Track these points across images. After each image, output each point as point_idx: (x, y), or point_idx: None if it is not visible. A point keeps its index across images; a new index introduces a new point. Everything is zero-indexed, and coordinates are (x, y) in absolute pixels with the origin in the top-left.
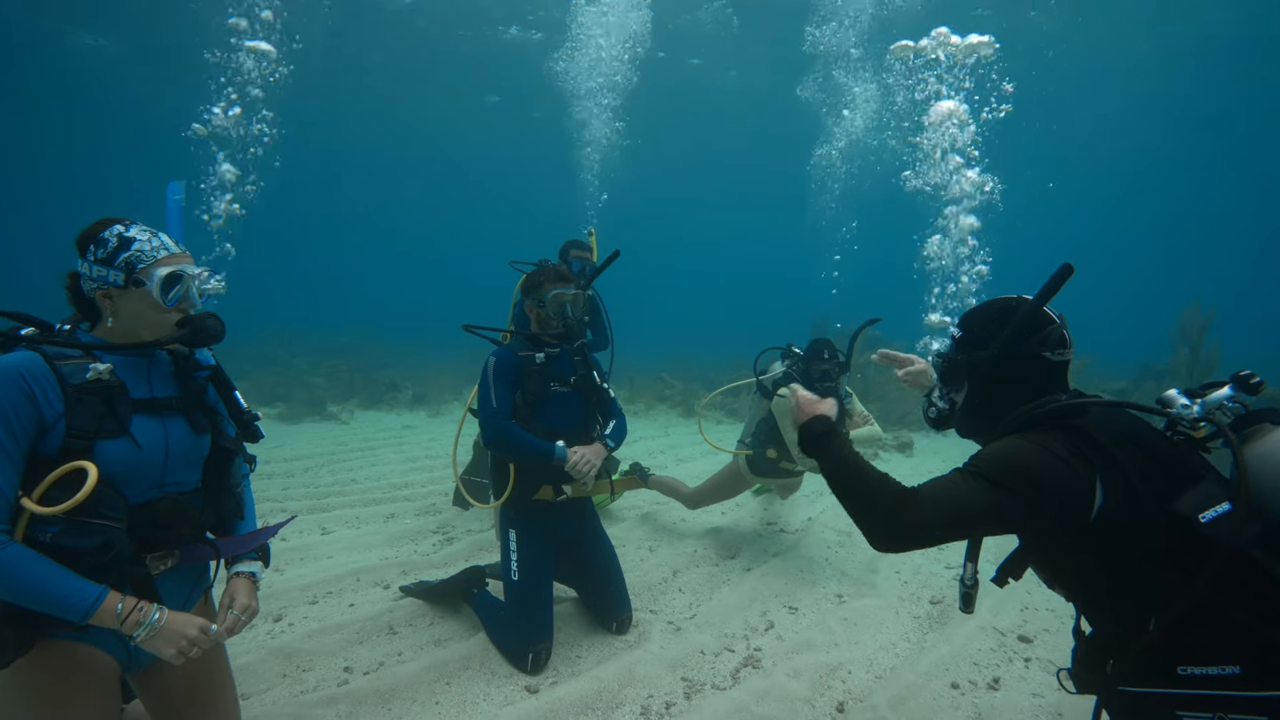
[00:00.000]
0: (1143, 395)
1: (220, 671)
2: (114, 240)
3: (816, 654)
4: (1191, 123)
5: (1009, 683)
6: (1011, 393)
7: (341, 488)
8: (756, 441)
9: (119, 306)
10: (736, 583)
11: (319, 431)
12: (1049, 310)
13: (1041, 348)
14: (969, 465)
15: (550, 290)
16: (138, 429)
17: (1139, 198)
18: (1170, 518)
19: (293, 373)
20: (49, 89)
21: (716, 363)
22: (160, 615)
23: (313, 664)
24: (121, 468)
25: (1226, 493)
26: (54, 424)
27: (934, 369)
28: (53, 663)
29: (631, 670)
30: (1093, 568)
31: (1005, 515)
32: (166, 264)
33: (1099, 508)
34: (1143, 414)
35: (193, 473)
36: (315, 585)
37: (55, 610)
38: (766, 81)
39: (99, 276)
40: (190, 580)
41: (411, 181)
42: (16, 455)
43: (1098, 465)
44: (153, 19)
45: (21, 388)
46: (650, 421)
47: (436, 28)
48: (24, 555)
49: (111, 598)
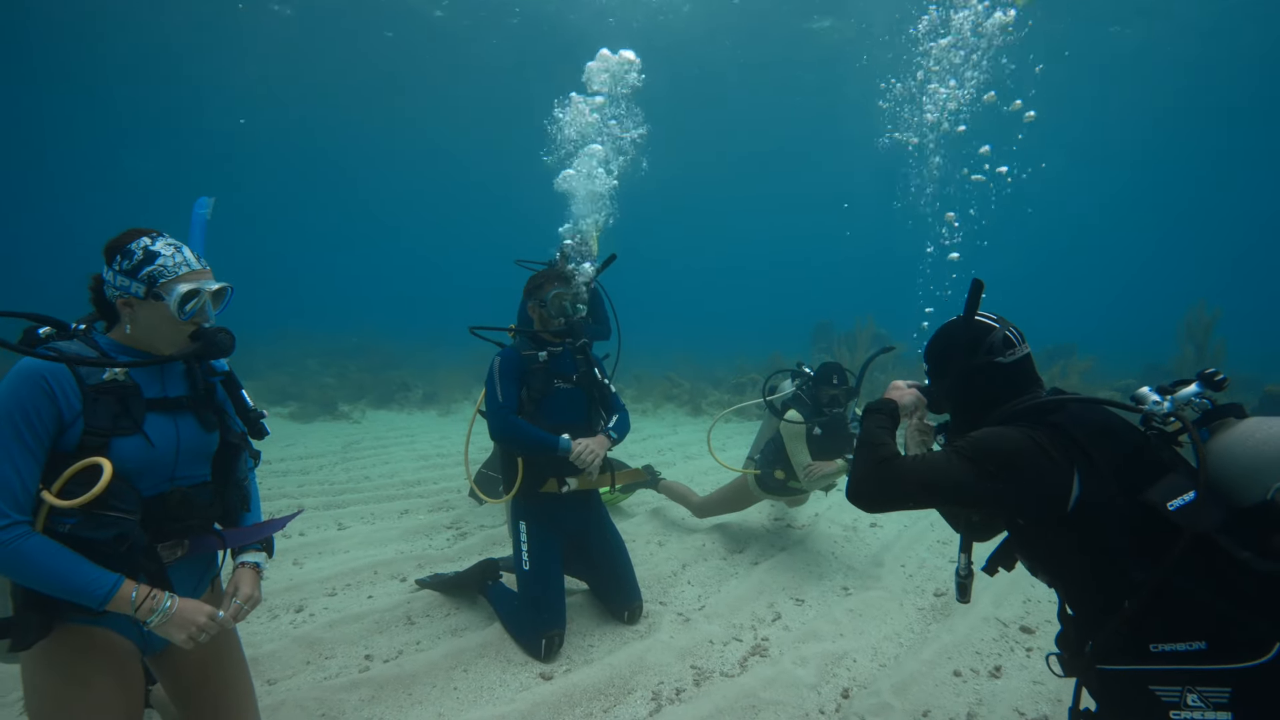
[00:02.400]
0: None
1: (232, 654)
2: (139, 253)
3: (822, 643)
4: (1196, 116)
5: (1010, 671)
6: (986, 403)
7: (356, 485)
8: (765, 460)
9: (138, 315)
10: (744, 576)
11: (331, 430)
12: (984, 319)
13: (991, 355)
14: (953, 444)
15: (551, 290)
16: (151, 427)
17: (1144, 193)
18: (1141, 507)
19: (305, 373)
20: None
21: (724, 361)
22: (172, 603)
23: (334, 652)
24: (135, 463)
25: (1194, 482)
26: (72, 422)
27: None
28: (73, 644)
29: (643, 658)
30: (1071, 554)
31: (975, 490)
32: (186, 280)
33: (1076, 498)
34: (1118, 410)
35: (202, 467)
36: (334, 578)
37: (74, 597)
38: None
39: (121, 286)
40: (199, 569)
41: (421, 182)
42: (39, 451)
43: (1076, 458)
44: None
45: (43, 388)
46: (658, 420)
47: (443, 28)
48: (45, 545)
49: (126, 585)
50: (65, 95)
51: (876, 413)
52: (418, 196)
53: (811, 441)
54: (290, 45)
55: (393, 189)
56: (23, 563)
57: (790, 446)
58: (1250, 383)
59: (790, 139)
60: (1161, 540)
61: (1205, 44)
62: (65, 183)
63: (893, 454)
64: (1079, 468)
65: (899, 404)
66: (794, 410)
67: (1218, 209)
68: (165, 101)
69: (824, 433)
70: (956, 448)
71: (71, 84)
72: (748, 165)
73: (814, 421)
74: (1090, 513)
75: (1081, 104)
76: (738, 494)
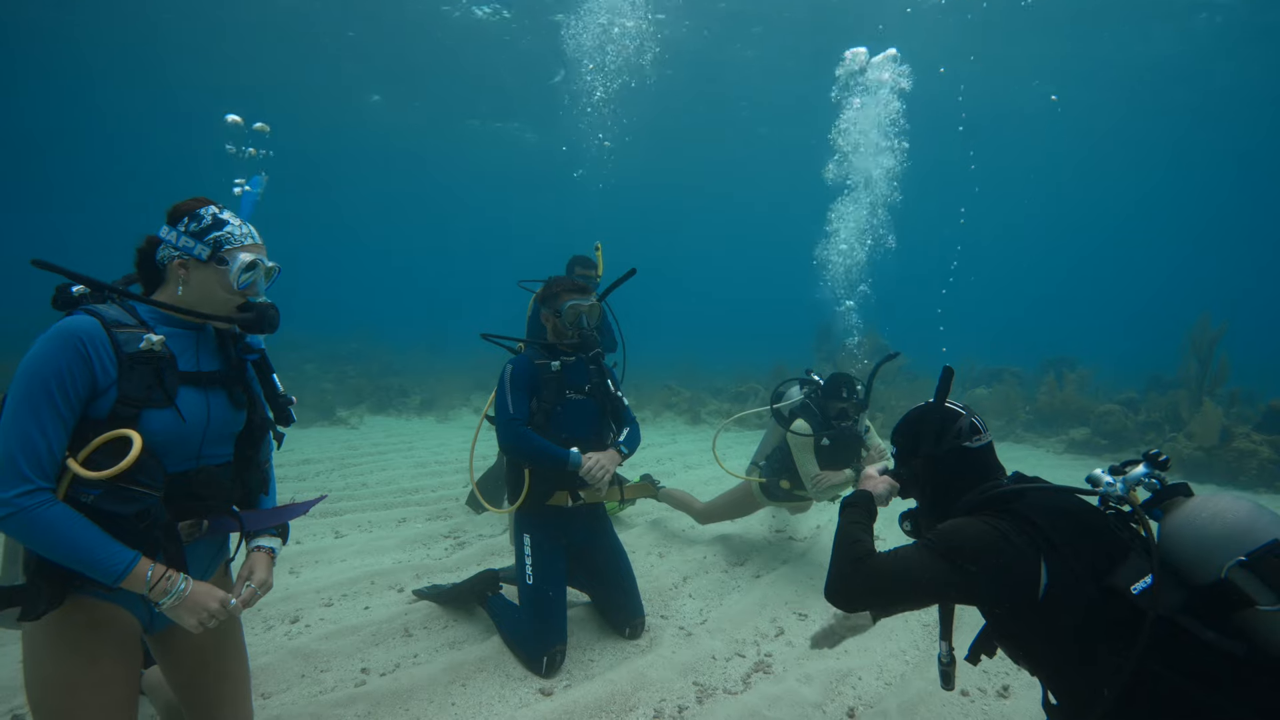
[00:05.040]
0: (1151, 405)
1: (233, 642)
2: (208, 218)
3: (827, 660)
4: (1203, 124)
5: (1018, 690)
6: (954, 486)
7: (353, 492)
8: (770, 468)
9: (192, 278)
10: (746, 589)
11: (329, 436)
12: (952, 405)
13: (959, 440)
14: (924, 539)
15: (567, 301)
16: (183, 401)
17: (1150, 204)
18: (1107, 592)
19: (303, 378)
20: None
21: (723, 371)
22: (186, 585)
23: (330, 665)
24: (164, 437)
25: (1151, 564)
26: (106, 389)
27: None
28: (82, 618)
29: (644, 674)
30: (1047, 641)
31: (947, 586)
32: (250, 251)
33: (1045, 586)
34: (1078, 493)
35: (226, 446)
36: (330, 588)
37: (90, 571)
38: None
39: (184, 246)
40: (210, 551)
41: (415, 189)
42: (70, 417)
43: (1041, 546)
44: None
45: (80, 351)
46: (658, 429)
47: (442, 36)
48: (67, 515)
49: (143, 564)
50: (49, 93)
51: (853, 507)
52: (411, 203)
53: (820, 452)
54: (285, 45)
55: (384, 195)
56: (42, 531)
57: (798, 456)
58: (1254, 396)
59: (792, 139)
60: (1131, 624)
61: (1217, 55)
62: (61, 184)
63: (868, 552)
64: (1045, 555)
65: (874, 495)
66: (801, 420)
67: (1227, 220)
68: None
69: (832, 444)
70: (926, 543)
71: (56, 83)
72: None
73: (822, 433)
74: (1060, 599)
75: (1097, 112)
76: (742, 501)
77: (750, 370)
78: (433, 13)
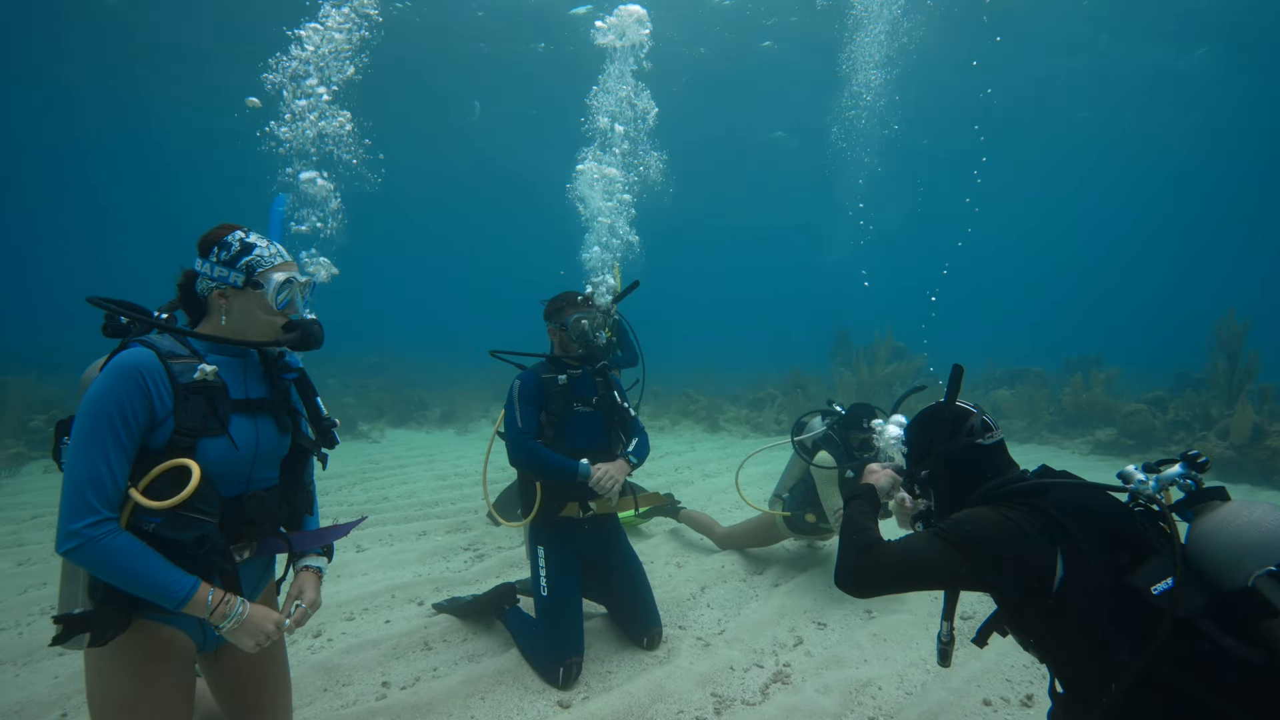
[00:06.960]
0: (1180, 404)
1: (278, 656)
2: (236, 245)
3: (846, 670)
4: (1233, 122)
5: (1042, 699)
6: (968, 484)
7: (374, 505)
8: (794, 501)
9: (233, 306)
10: (765, 599)
11: (351, 450)
12: (962, 404)
13: (971, 438)
14: (935, 526)
15: (571, 315)
16: (235, 429)
17: (1175, 198)
18: (1126, 590)
19: (325, 392)
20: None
21: (740, 379)
22: (244, 609)
23: (352, 679)
24: (219, 465)
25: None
26: (164, 420)
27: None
28: (145, 642)
29: (662, 685)
30: (1057, 634)
31: (955, 574)
32: (282, 270)
33: (1060, 579)
34: (1108, 490)
35: (273, 470)
36: (352, 602)
37: (154, 597)
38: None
39: (220, 277)
40: (257, 572)
41: (439, 203)
42: (131, 447)
43: (1059, 539)
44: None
45: (140, 384)
46: (676, 437)
47: (451, 42)
48: (131, 544)
49: (203, 589)
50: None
51: (856, 499)
52: (432, 218)
53: (844, 485)
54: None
55: (410, 208)
56: (110, 560)
57: (822, 490)
58: None
59: (801, 140)
60: (1147, 624)
61: (1241, 54)
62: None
63: (875, 540)
64: (1062, 549)
65: (876, 487)
66: (824, 452)
67: (1253, 215)
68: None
69: (856, 476)
70: (937, 530)
71: (49, 84)
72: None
73: (846, 465)
74: (1075, 594)
75: (1120, 110)
76: (764, 531)
77: (765, 378)
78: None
